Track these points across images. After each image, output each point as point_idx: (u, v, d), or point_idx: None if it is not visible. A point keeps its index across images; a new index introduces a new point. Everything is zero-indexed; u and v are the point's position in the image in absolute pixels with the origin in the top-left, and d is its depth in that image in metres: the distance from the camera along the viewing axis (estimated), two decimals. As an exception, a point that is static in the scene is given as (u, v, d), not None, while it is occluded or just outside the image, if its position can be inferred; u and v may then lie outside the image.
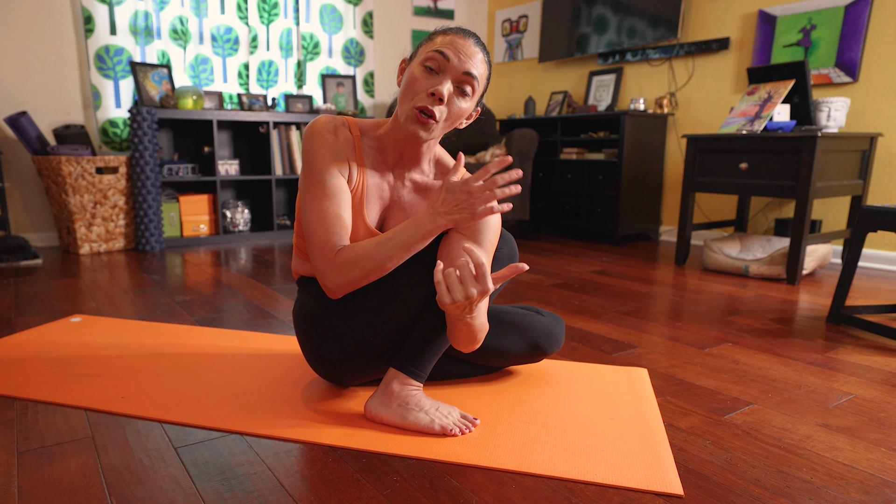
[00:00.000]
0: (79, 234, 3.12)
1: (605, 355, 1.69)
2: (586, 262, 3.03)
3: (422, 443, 1.16)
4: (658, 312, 2.12)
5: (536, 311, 1.48)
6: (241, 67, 3.70)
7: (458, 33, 1.14)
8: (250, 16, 3.65)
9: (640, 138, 3.53)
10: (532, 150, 3.55)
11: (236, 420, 1.26)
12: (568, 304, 2.21)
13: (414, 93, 1.12)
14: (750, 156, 2.70)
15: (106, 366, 1.57)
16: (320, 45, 3.94)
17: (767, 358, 1.67)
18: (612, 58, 3.98)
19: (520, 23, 4.52)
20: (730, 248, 2.81)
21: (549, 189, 3.92)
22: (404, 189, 1.25)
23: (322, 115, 1.24)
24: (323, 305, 1.27)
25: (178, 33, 3.46)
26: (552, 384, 1.47)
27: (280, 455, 1.13)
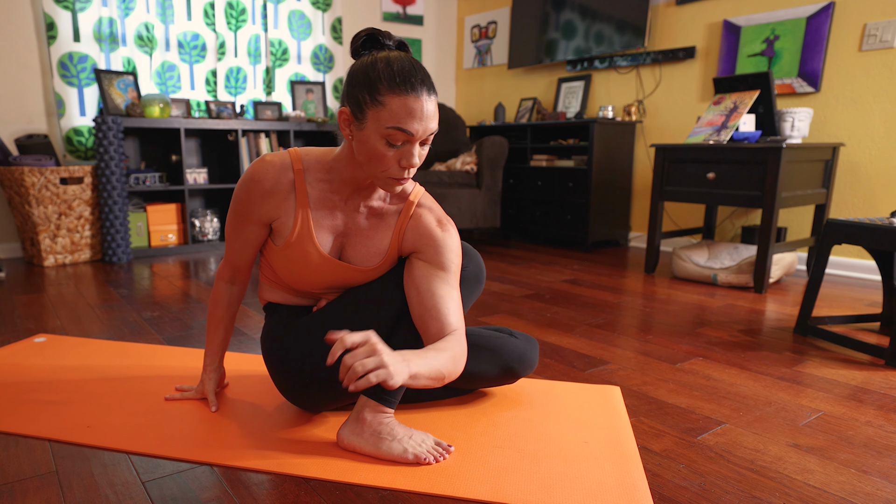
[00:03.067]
0: (43, 246, 2.99)
1: (578, 372, 1.66)
2: (557, 270, 3.02)
3: (396, 473, 1.13)
4: (629, 325, 2.11)
5: (510, 332, 1.45)
6: (209, 74, 3.59)
7: (411, 90, 1.02)
8: (217, 22, 3.54)
9: (608, 145, 3.54)
10: (502, 158, 3.52)
11: (205, 450, 1.20)
12: (540, 317, 2.19)
13: (381, 166, 1.08)
14: (717, 166, 2.71)
15: (70, 391, 1.49)
16: (289, 51, 3.85)
17: (737, 373, 1.66)
18: (580, 65, 3.98)
19: (489, 29, 4.49)
20: (698, 257, 2.83)
21: (520, 196, 3.91)
22: (360, 216, 1.23)
23: (263, 158, 1.21)
24: (291, 331, 1.24)
25: (143, 40, 3.34)
26: (526, 405, 1.44)
27: (251, 488, 1.09)
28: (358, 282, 1.25)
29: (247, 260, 1.32)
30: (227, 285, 1.37)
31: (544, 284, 2.70)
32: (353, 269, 1.22)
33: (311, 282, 1.24)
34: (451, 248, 1.19)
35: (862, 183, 2.89)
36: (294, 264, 1.22)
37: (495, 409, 1.41)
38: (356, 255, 1.23)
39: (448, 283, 1.16)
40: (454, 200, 3.46)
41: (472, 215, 3.51)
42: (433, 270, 1.17)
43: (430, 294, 1.15)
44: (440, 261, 1.17)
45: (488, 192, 3.52)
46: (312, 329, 1.22)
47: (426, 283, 1.15)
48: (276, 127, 3.59)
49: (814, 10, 2.96)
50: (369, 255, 1.23)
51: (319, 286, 1.25)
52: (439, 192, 3.43)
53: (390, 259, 1.23)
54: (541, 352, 1.82)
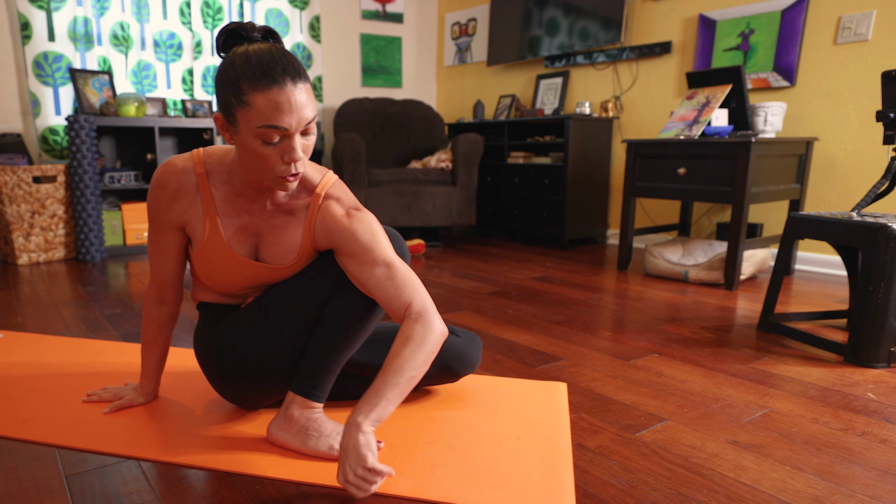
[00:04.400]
0: (17, 245, 2.96)
1: (529, 369, 1.63)
2: (529, 267, 2.98)
3: (319, 468, 1.11)
4: (591, 321, 2.07)
5: (452, 331, 1.41)
6: (186, 73, 3.56)
7: (273, 84, 0.96)
8: (193, 21, 3.51)
9: (585, 142, 3.50)
10: (477, 155, 3.49)
11: (133, 445, 1.19)
12: (502, 314, 2.15)
13: (266, 167, 1.03)
14: (688, 161, 2.67)
15: (13, 387, 1.47)
16: (268, 50, 3.82)
17: (691, 370, 1.63)
18: (559, 61, 3.94)
19: (469, 26, 4.46)
20: (671, 253, 2.79)
21: (497, 193, 3.87)
22: (269, 214, 1.18)
23: (167, 161, 1.18)
24: (219, 328, 1.21)
25: (119, 39, 3.31)
26: (467, 402, 1.40)
27: (172, 482, 1.07)
28: (277, 279, 1.21)
29: (170, 274, 1.27)
30: (157, 306, 1.32)
31: (513, 282, 2.66)
32: (268, 268, 1.19)
33: (230, 284, 1.21)
34: (365, 232, 1.13)
35: (837, 177, 2.84)
36: (210, 268, 1.19)
37: (435, 406, 1.37)
38: (270, 253, 1.19)
39: (377, 266, 1.11)
40: (429, 198, 3.43)
41: (447, 213, 3.47)
42: (358, 262, 1.13)
43: (371, 287, 1.11)
44: (358, 249, 1.13)
45: (463, 189, 3.48)
46: (239, 325, 1.20)
47: (363, 278, 1.12)
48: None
49: (788, 3, 2.92)
50: (283, 253, 1.19)
51: (239, 287, 1.22)
52: (413, 189, 3.40)
53: (306, 254, 1.19)
54: (495, 348, 1.79)
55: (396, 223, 3.41)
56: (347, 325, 1.15)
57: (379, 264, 1.11)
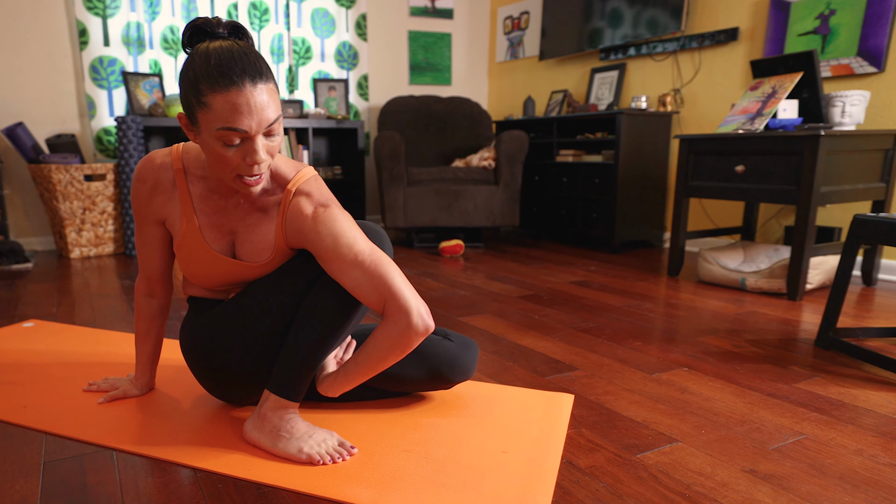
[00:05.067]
0: (69, 239, 3.17)
1: (538, 378, 1.54)
2: (570, 271, 2.86)
3: (284, 470, 1.09)
4: (621, 330, 1.94)
5: (444, 335, 1.35)
6: (232, 74, 3.69)
7: (231, 85, 0.95)
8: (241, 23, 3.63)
9: (639, 139, 3.32)
10: (522, 153, 3.39)
11: (113, 435, 1.22)
12: (525, 319, 2.06)
13: (229, 168, 1.03)
14: (747, 157, 2.47)
15: (24, 373, 1.54)
16: (312, 49, 3.89)
17: (722, 387, 1.48)
18: (614, 53, 3.78)
19: (521, 19, 4.36)
20: (728, 259, 2.58)
21: (545, 193, 3.75)
22: (243, 211, 1.17)
23: (144, 158, 1.20)
24: (201, 322, 1.21)
25: (168, 42, 3.48)
26: (460, 409, 1.33)
27: (139, 475, 1.09)
28: (253, 277, 1.20)
29: (157, 268, 1.30)
30: (146, 299, 1.35)
31: (548, 285, 2.55)
32: (244, 265, 1.18)
33: (209, 279, 1.21)
34: (328, 235, 1.09)
35: (926, 176, 2.54)
36: (189, 263, 1.20)
37: (425, 413, 1.32)
38: (245, 251, 1.18)
39: (345, 265, 1.08)
40: (469, 198, 3.36)
41: (488, 213, 3.40)
42: (327, 262, 1.10)
43: (345, 287, 1.09)
44: (323, 249, 1.10)
45: (507, 188, 3.40)
46: (218, 320, 1.20)
47: (339, 279, 1.09)
48: (295, 124, 3.63)
49: (870, -21, 2.65)
50: (258, 251, 1.18)
51: (218, 283, 1.21)
52: (454, 188, 3.34)
53: (281, 252, 1.17)
54: (507, 354, 1.71)
55: (435, 223, 3.38)
56: (322, 324, 1.12)
57: (346, 263, 1.08)
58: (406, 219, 3.36)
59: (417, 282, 2.60)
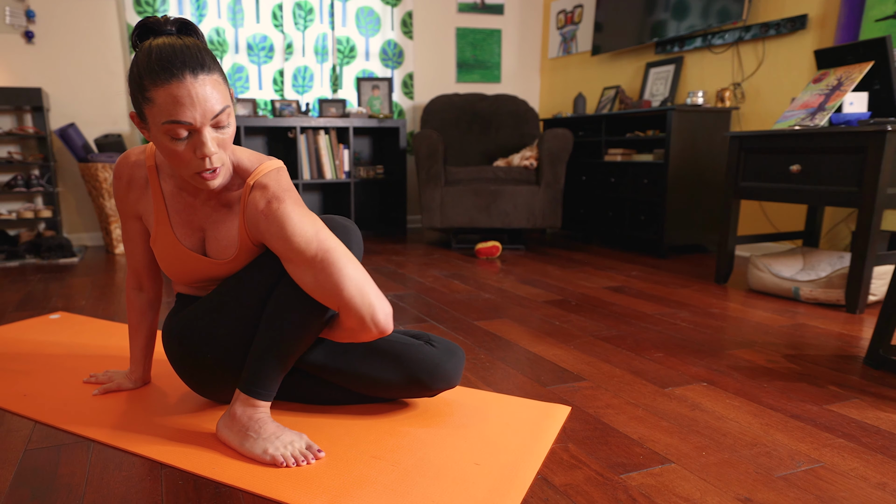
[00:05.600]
0: (114, 235, 3.36)
1: (539, 387, 1.48)
2: (609, 276, 2.75)
3: (246, 471, 1.09)
4: (645, 339, 1.85)
5: (428, 340, 1.32)
6: (277, 74, 3.81)
7: (171, 78, 0.96)
8: (285, 23, 3.74)
9: (693, 136, 3.16)
10: (565, 152, 3.30)
11: (93, 427, 1.27)
12: (544, 325, 2.00)
13: (182, 163, 1.04)
14: (805, 156, 2.30)
15: (37, 363, 1.63)
16: (356, 48, 3.96)
17: (740, 406, 1.37)
18: (671, 46, 3.62)
19: (574, 13, 4.26)
20: (783, 266, 2.41)
21: (592, 194, 3.64)
22: (210, 208, 1.19)
23: (122, 155, 1.25)
24: (180, 317, 1.25)
25: (214, 44, 3.63)
26: (444, 417, 1.30)
27: (108, 467, 1.12)
28: (223, 274, 1.22)
29: (142, 262, 1.34)
30: (135, 293, 1.40)
31: (580, 291, 2.47)
32: (212, 262, 1.20)
33: (182, 275, 1.23)
34: (282, 228, 1.07)
35: None
36: (163, 259, 1.23)
37: (405, 420, 1.29)
38: (213, 248, 1.20)
39: (299, 265, 1.07)
40: (509, 198, 3.31)
41: (528, 214, 3.33)
42: (284, 260, 1.10)
43: (304, 288, 1.09)
44: (277, 246, 1.09)
45: (549, 189, 3.32)
46: (190, 317, 1.22)
47: (293, 278, 1.09)
48: (335, 123, 3.70)
49: (955, -44, 2.40)
50: (223, 248, 1.19)
51: (191, 279, 1.24)
52: (493, 188, 3.30)
53: (246, 249, 1.17)
54: (514, 361, 1.66)
55: (473, 224, 3.35)
56: (288, 322, 1.12)
57: (296, 264, 1.08)
58: (443, 219, 3.35)
59: (444, 283, 2.58)
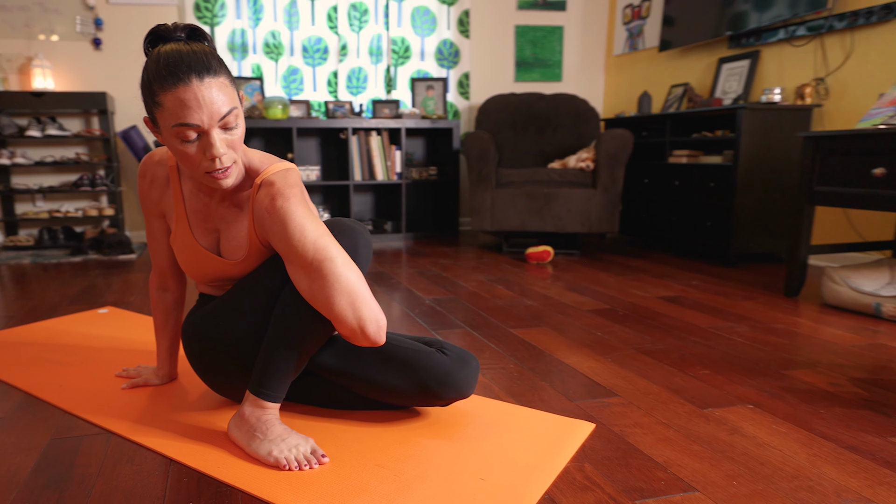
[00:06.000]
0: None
1: (566, 402, 1.42)
2: (666, 285, 2.62)
3: (248, 472, 1.11)
4: (692, 355, 1.74)
5: (440, 347, 1.30)
6: (331, 76, 3.90)
7: (178, 82, 1.01)
8: (340, 25, 3.83)
9: (767, 137, 2.98)
10: (624, 154, 3.19)
11: (115, 420, 1.32)
12: (584, 335, 1.92)
13: (193, 165, 1.08)
14: (889, 158, 2.11)
15: (77, 355, 1.73)
16: (411, 48, 3.99)
17: (788, 432, 1.27)
18: (746, 40, 3.43)
19: (642, 8, 4.12)
20: (865, 280, 2.22)
21: (655, 198, 3.49)
22: (224, 208, 1.22)
23: (147, 155, 1.30)
24: (197, 316, 1.28)
25: (270, 47, 3.76)
26: (459, 428, 1.28)
27: (121, 461, 1.17)
28: (235, 274, 1.25)
29: (165, 261, 1.40)
30: (160, 292, 1.45)
31: (632, 300, 2.37)
32: (224, 262, 1.23)
33: (198, 274, 1.27)
34: (282, 226, 1.08)
35: None
36: (181, 258, 1.27)
37: (418, 429, 1.28)
38: (226, 248, 1.23)
39: (295, 267, 1.08)
40: (563, 201, 3.23)
41: (583, 218, 3.24)
42: (285, 259, 1.11)
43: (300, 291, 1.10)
44: (277, 245, 1.11)
45: (605, 192, 3.21)
46: (205, 317, 1.26)
47: (292, 279, 1.11)
48: (387, 124, 3.74)
49: None
50: (234, 248, 1.22)
51: (206, 278, 1.28)
52: (546, 191, 3.23)
53: (255, 249, 1.20)
54: (544, 373, 1.60)
55: (524, 227, 3.29)
56: (294, 325, 1.13)
57: (293, 265, 1.09)
58: (493, 222, 3.31)
59: (487, 288, 2.54)
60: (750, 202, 3.01)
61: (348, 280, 1.06)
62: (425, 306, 2.28)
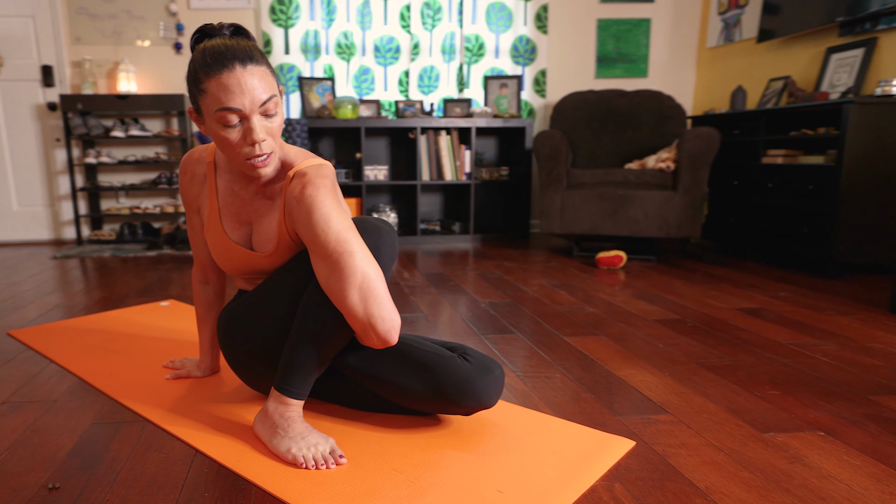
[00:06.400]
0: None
1: (609, 416, 1.35)
2: (748, 296, 2.44)
3: (266, 467, 1.14)
4: (764, 373, 1.60)
5: (463, 353, 1.27)
6: (402, 75, 3.94)
7: (222, 68, 1.08)
8: (413, 23, 3.87)
9: (879, 135, 2.71)
10: (709, 154, 3.01)
11: (152, 408, 1.39)
12: (645, 346, 1.82)
13: (234, 151, 1.14)
14: None
15: (133, 344, 1.85)
16: (485, 46, 3.96)
17: (861, 465, 1.13)
18: (861, 26, 3.14)
19: (737, -5, 3.88)
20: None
21: (745, 201, 3.26)
22: (257, 201, 1.27)
23: (188, 152, 1.37)
24: (230, 309, 1.33)
25: (342, 48, 3.86)
26: (487, 437, 1.24)
27: (151, 448, 1.23)
28: (265, 267, 1.28)
29: (206, 255, 1.46)
30: (201, 286, 1.51)
31: (706, 310, 2.22)
32: (254, 255, 1.27)
33: (231, 268, 1.32)
34: (309, 214, 1.11)
35: None
36: (213, 251, 1.33)
37: (442, 436, 1.25)
38: (257, 241, 1.28)
39: (317, 257, 1.11)
40: (639, 204, 3.09)
41: (661, 222, 3.08)
42: (309, 249, 1.13)
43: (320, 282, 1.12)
44: (304, 232, 1.13)
45: (686, 195, 3.04)
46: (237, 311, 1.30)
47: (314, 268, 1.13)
48: (457, 124, 3.73)
49: None
50: (264, 241, 1.26)
51: (238, 272, 1.32)
52: (621, 193, 3.11)
53: (284, 242, 1.23)
54: (592, 384, 1.53)
55: (596, 231, 3.18)
56: (317, 323, 1.15)
57: (315, 255, 1.11)
58: (563, 224, 3.22)
59: (548, 293, 2.47)
60: (856, 207, 2.75)
61: (364, 275, 1.07)
62: (479, 310, 2.24)
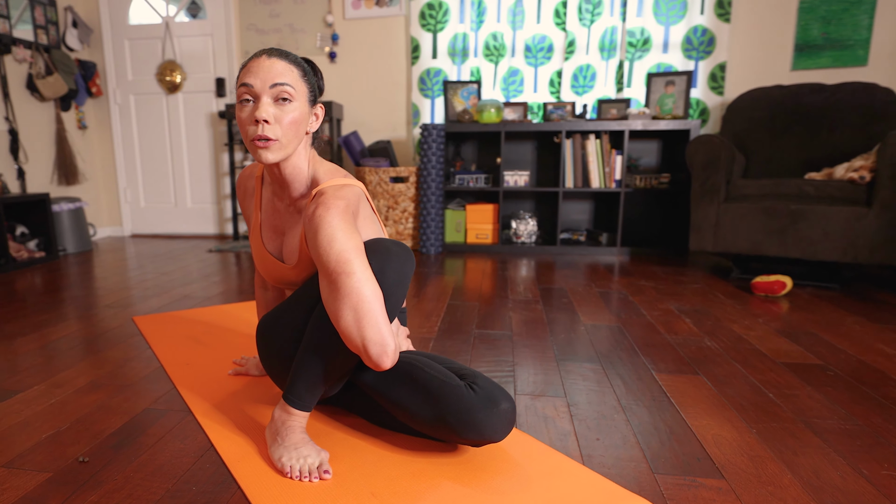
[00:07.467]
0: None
1: (645, 472, 1.20)
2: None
3: (255, 470, 1.23)
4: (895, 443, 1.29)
5: (472, 380, 1.22)
6: (554, 75, 3.85)
7: (256, 56, 1.23)
8: (569, 20, 3.76)
9: None
10: (914, 160, 2.49)
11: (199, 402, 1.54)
12: (749, 394, 1.57)
13: (244, 129, 1.25)
14: None
15: (221, 338, 2.06)
16: (651, 39, 3.71)
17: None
18: None
19: None
20: None
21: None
22: (289, 213, 1.38)
23: (245, 168, 1.51)
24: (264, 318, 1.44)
25: (490, 49, 3.89)
26: (490, 474, 1.21)
27: (178, 438, 1.37)
28: (292, 278, 1.38)
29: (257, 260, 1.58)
30: (261, 290, 1.65)
31: (865, 357, 1.84)
32: (282, 266, 1.37)
33: (267, 275, 1.44)
34: (315, 234, 1.16)
35: None
36: (254, 258, 1.47)
37: (443, 465, 1.24)
38: (286, 252, 1.38)
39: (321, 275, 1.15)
40: (817, 221, 2.67)
41: (847, 244, 2.62)
42: (317, 267, 1.19)
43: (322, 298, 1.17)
44: (311, 249, 1.18)
45: (885, 212, 2.55)
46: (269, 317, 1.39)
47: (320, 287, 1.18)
48: (607, 127, 3.55)
49: None
50: (291, 252, 1.36)
51: (273, 280, 1.43)
52: (794, 208, 2.71)
53: (305, 255, 1.31)
54: (646, 429, 1.36)
55: (757, 251, 2.81)
56: (320, 334, 1.20)
57: (320, 271, 1.15)
58: (716, 242, 2.90)
59: (667, 320, 2.23)
60: None
61: (360, 297, 1.09)
62: (575, 333, 2.11)
